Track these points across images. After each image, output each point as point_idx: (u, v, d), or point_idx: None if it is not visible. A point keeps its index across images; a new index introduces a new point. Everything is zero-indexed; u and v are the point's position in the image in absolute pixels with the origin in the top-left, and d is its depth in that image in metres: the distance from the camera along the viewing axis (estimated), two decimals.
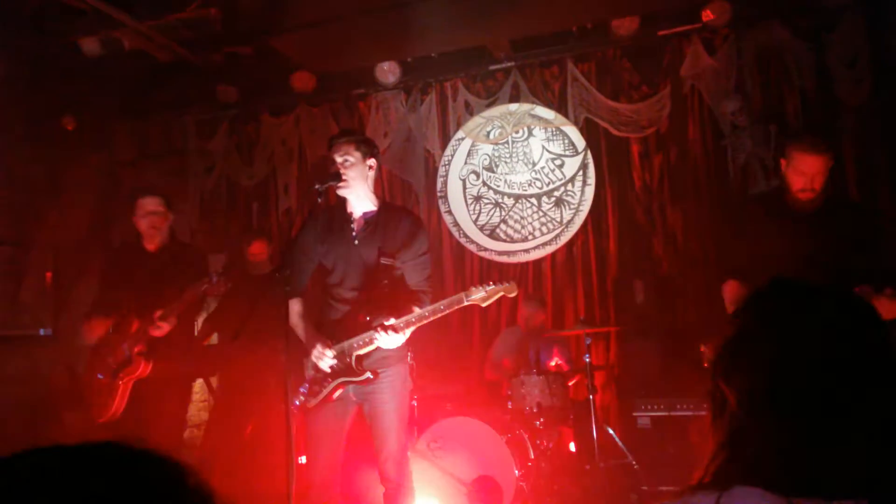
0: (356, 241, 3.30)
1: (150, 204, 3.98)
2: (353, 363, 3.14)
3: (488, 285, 3.13)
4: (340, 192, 3.30)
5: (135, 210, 3.99)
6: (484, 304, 3.12)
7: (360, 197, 3.34)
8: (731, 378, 1.09)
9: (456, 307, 3.09)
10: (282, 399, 2.82)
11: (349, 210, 3.37)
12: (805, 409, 0.99)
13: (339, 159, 3.26)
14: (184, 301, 3.73)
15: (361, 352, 3.14)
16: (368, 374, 3.13)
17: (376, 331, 3.07)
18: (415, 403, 4.40)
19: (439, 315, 3.09)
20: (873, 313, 1.06)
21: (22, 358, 5.77)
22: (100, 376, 3.87)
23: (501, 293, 3.10)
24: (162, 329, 3.74)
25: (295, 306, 3.36)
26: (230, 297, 5.56)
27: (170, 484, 0.59)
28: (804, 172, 3.26)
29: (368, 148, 3.34)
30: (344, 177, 3.24)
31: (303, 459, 3.21)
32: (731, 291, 3.47)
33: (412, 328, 3.12)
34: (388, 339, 3.06)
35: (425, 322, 3.11)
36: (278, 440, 4.91)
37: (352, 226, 3.35)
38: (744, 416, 1.04)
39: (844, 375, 1.00)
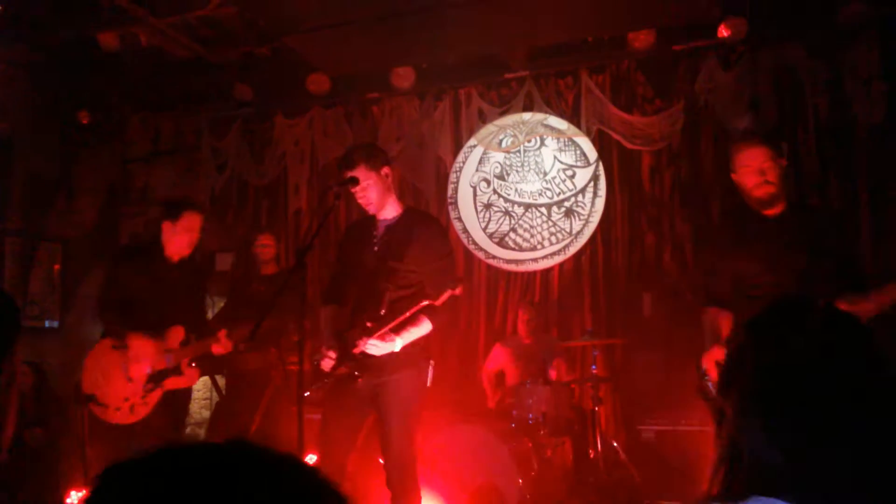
0: (375, 249, 3.34)
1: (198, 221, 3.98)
2: (348, 360, 3.16)
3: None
4: (371, 211, 3.35)
5: (181, 220, 3.92)
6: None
7: (385, 207, 3.36)
8: (729, 392, 1.12)
9: (415, 309, 3.10)
10: (293, 398, 2.82)
11: (376, 218, 3.40)
12: (807, 420, 1.01)
13: (360, 189, 3.25)
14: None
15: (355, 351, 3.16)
16: (356, 373, 3.15)
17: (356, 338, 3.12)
18: None
19: (399, 321, 3.08)
20: (857, 324, 1.10)
21: (28, 350, 5.78)
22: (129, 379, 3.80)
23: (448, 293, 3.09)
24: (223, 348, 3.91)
25: (324, 313, 3.44)
26: (239, 297, 5.56)
27: (313, 483, 0.59)
28: (750, 166, 3.16)
29: (377, 160, 3.30)
30: (369, 204, 3.28)
31: (310, 459, 3.19)
32: (712, 319, 3.23)
33: (392, 336, 3.10)
34: (371, 348, 3.09)
35: (398, 328, 3.10)
36: (283, 439, 4.93)
37: (374, 233, 3.38)
38: (742, 428, 1.05)
39: (835, 385, 1.02)
